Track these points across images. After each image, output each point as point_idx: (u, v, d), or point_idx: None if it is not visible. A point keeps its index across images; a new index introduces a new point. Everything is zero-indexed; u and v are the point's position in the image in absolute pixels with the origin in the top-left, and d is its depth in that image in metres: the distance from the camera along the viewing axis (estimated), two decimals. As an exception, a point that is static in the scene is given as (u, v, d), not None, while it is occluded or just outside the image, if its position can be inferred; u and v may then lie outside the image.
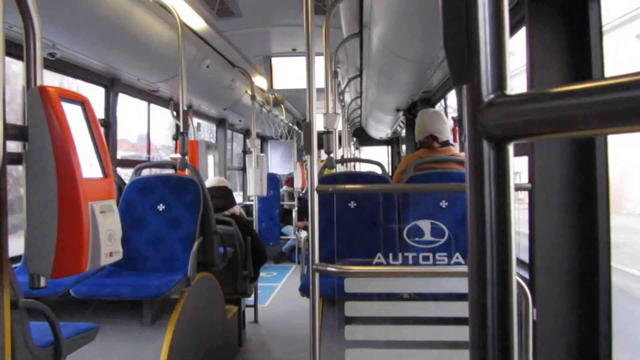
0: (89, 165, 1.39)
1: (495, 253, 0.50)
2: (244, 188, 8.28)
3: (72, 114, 1.40)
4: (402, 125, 7.66)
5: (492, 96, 0.49)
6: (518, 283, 1.84)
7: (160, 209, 3.17)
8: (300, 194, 7.94)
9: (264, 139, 10.42)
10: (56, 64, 3.39)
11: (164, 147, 7.12)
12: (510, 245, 0.50)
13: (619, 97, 0.38)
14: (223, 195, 4.40)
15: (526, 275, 2.14)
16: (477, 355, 0.51)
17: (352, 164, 8.29)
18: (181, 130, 3.33)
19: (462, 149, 3.17)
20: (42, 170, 1.31)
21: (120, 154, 4.65)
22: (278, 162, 10.97)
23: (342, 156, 7.00)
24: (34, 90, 1.34)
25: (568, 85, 0.42)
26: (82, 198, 1.31)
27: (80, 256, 1.32)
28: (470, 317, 0.52)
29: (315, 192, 1.97)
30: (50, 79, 3.58)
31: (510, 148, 0.50)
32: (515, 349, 0.51)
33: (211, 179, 4.74)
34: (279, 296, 5.83)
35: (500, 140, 0.49)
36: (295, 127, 9.44)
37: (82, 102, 1.46)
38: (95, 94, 4.08)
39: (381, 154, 13.75)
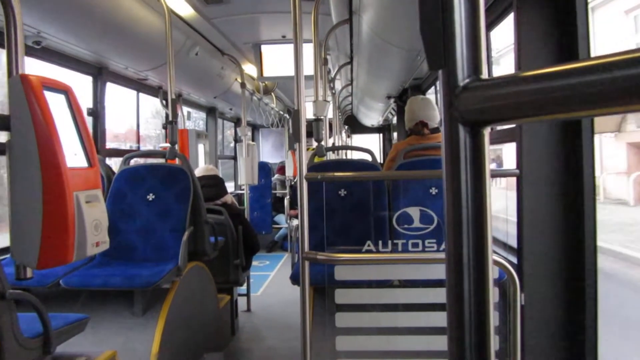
0: (73, 155, 1.38)
1: (472, 238, 0.50)
2: (235, 177, 8.26)
3: (56, 102, 1.39)
4: (393, 112, 7.65)
5: (467, 81, 0.49)
6: (506, 268, 1.85)
7: (150, 199, 3.15)
8: (292, 182, 7.93)
9: (255, 128, 10.38)
10: (42, 53, 3.35)
11: (158, 136, 7.06)
12: (487, 230, 0.50)
13: (590, 79, 0.38)
14: (214, 184, 4.39)
15: (515, 260, 2.16)
16: (454, 340, 0.51)
17: (344, 151, 8.29)
18: (170, 119, 3.30)
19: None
20: (25, 160, 1.30)
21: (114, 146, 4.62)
22: (269, 150, 10.94)
23: (334, 144, 6.99)
24: (16, 79, 1.32)
25: (540, 68, 0.41)
26: (66, 188, 1.30)
27: (66, 246, 1.31)
28: (448, 303, 0.52)
29: (305, 180, 1.97)
30: (43, 69, 3.54)
31: (486, 133, 0.49)
32: (492, 333, 0.51)
33: (201, 168, 4.72)
34: (271, 285, 5.85)
35: (475, 125, 0.49)
36: (286, 115, 9.41)
37: (66, 91, 1.45)
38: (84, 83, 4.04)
39: (373, 142, 13.75)
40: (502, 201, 2.18)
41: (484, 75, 0.49)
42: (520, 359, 1.86)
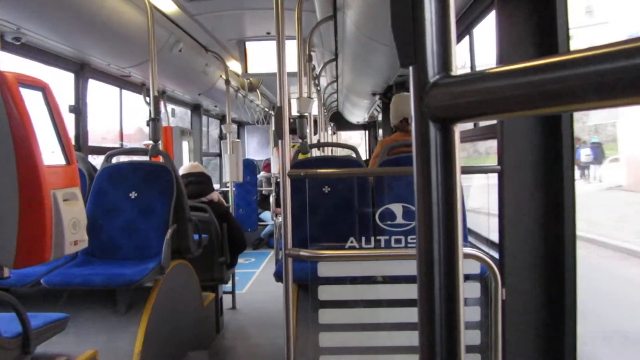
0: (50, 152, 1.36)
1: (442, 234, 0.50)
2: (220, 174, 8.23)
3: (32, 99, 1.37)
4: (378, 109, 7.67)
5: (437, 77, 0.49)
6: (487, 264, 1.87)
7: (133, 197, 3.12)
8: (278, 180, 7.91)
9: (240, 125, 10.33)
10: (21, 49, 3.30)
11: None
12: (457, 226, 0.50)
13: (555, 76, 0.38)
14: (200, 181, 4.36)
15: (496, 255, 2.18)
16: (425, 335, 0.51)
17: (330, 148, 8.29)
18: (152, 116, 3.27)
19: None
20: (0, 157, 1.28)
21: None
22: (255, 147, 10.91)
23: (319, 141, 6.99)
24: (-10, 76, 1.30)
25: (507, 65, 0.42)
26: (43, 186, 1.28)
27: (43, 245, 1.29)
28: (419, 299, 0.52)
29: (288, 177, 1.96)
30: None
31: (456, 129, 0.50)
32: (462, 329, 0.51)
33: (186, 165, 4.69)
34: (257, 282, 5.84)
35: (445, 121, 0.49)
36: (272, 112, 9.38)
37: (43, 88, 1.43)
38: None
39: (360, 139, 13.78)
40: (484, 196, 2.20)
41: (454, 72, 0.49)
42: (501, 353, 1.88)
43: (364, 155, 11.94)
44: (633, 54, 0.34)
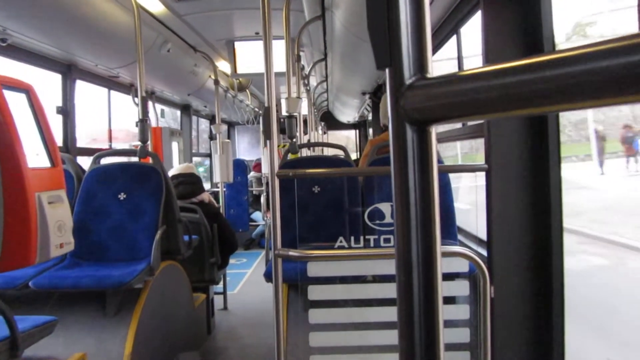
0: (35, 155, 1.35)
1: (420, 235, 0.51)
2: (211, 174, 8.20)
3: (16, 102, 1.36)
4: (368, 108, 7.68)
5: (413, 79, 0.49)
6: (476, 262, 1.88)
7: (122, 198, 3.11)
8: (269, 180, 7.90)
9: (230, 125, 10.30)
10: (8, 50, 3.27)
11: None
12: (434, 226, 0.51)
13: (527, 78, 0.39)
14: (191, 181, 4.35)
15: (485, 253, 2.19)
16: (404, 337, 0.52)
17: (321, 148, 8.29)
18: (140, 116, 3.26)
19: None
20: (-16, 161, 1.27)
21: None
22: (246, 147, 10.88)
23: (309, 140, 6.99)
24: (-27, 78, 1.29)
25: (480, 67, 0.42)
26: (28, 188, 1.27)
27: (28, 248, 1.29)
28: (398, 299, 0.53)
29: (276, 177, 1.96)
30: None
31: (433, 130, 0.50)
32: (441, 329, 0.51)
33: (179, 166, 4.68)
34: (248, 283, 5.83)
35: (421, 123, 0.49)
36: (262, 112, 9.36)
37: (27, 90, 1.42)
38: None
39: (350, 138, 13.80)
40: (472, 195, 2.21)
41: (430, 74, 0.50)
42: (490, 351, 1.89)
43: (353, 155, 11.95)
44: (616, 53, 0.34)
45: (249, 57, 5.01)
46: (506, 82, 0.40)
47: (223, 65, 6.05)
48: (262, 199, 7.57)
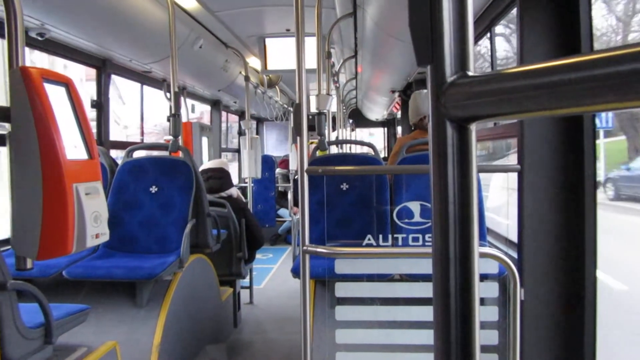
0: (73, 147, 1.39)
1: (458, 234, 0.50)
2: (239, 170, 8.27)
3: (56, 95, 1.39)
4: (397, 106, 7.63)
5: (454, 77, 0.49)
6: (506, 264, 1.85)
7: (153, 191, 3.16)
8: (295, 176, 7.93)
9: (259, 121, 10.38)
10: (45, 45, 3.36)
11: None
12: (473, 226, 0.50)
13: (572, 77, 0.38)
14: (220, 176, 4.40)
15: (515, 255, 2.16)
16: (440, 334, 0.52)
17: (349, 146, 8.28)
18: (172, 111, 3.31)
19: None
20: (25, 151, 1.31)
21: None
22: (274, 143, 10.95)
23: (337, 138, 6.98)
24: (16, 71, 1.32)
25: (526, 65, 0.41)
26: (66, 180, 1.31)
27: (65, 238, 1.32)
28: (434, 298, 0.53)
29: (305, 174, 1.97)
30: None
31: (473, 129, 0.49)
32: (477, 329, 0.51)
33: (211, 161, 4.75)
34: (274, 278, 5.87)
35: (462, 121, 0.49)
36: (291, 109, 9.40)
37: (66, 83, 1.45)
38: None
39: (379, 136, 13.73)
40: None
41: (471, 71, 0.49)
42: (519, 353, 1.86)
43: (383, 153, 11.90)
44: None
45: (280, 53, 5.03)
46: (552, 81, 0.39)
47: (253, 62, 6.09)
48: (289, 196, 7.60)
